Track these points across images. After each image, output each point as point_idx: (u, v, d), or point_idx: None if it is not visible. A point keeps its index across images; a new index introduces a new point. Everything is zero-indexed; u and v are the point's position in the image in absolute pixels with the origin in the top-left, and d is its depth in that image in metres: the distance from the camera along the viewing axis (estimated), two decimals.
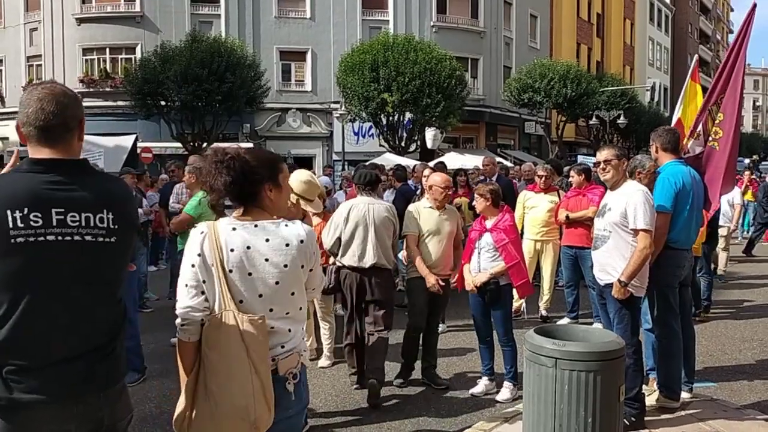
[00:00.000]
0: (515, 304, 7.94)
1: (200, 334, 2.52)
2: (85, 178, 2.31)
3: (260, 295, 2.54)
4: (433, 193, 5.69)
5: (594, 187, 8.03)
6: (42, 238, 2.15)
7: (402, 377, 5.84)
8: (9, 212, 2.10)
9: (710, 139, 5.16)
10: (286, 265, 2.57)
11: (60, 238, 2.18)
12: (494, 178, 10.36)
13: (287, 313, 2.61)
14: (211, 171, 2.61)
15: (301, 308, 2.68)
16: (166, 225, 9.13)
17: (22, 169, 2.23)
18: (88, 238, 2.24)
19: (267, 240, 2.57)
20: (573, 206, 7.91)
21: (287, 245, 2.58)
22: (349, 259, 5.52)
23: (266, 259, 2.55)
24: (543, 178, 8.45)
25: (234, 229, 2.56)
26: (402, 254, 6.42)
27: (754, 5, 5.29)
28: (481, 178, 10.92)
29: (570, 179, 8.32)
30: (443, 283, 5.63)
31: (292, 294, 2.61)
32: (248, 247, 2.53)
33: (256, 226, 2.59)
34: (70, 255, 2.21)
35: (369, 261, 5.45)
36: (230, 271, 2.50)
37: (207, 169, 2.63)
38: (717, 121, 5.13)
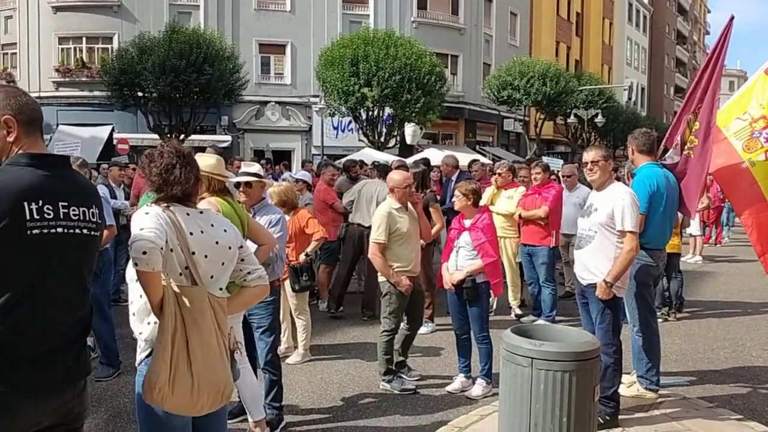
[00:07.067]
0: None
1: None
2: (71, 172, 2.41)
3: (212, 276, 2.71)
4: (395, 194, 5.52)
5: (550, 186, 8.06)
6: (54, 230, 2.21)
7: (391, 374, 5.63)
8: (26, 204, 2.14)
9: (686, 147, 5.26)
10: (230, 247, 2.78)
11: (65, 230, 2.25)
12: (454, 178, 9.50)
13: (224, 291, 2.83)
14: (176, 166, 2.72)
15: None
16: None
17: (22, 163, 2.23)
18: (84, 231, 2.33)
19: (212, 225, 2.76)
20: (529, 205, 7.96)
21: (225, 231, 2.80)
22: (359, 218, 8.01)
23: (216, 242, 2.73)
24: (499, 176, 8.32)
25: (188, 214, 2.70)
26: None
27: (732, 17, 5.31)
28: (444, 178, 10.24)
29: (533, 176, 8.22)
30: (410, 283, 5.50)
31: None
32: (202, 232, 2.69)
33: (201, 212, 2.79)
34: (71, 248, 2.29)
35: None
36: (192, 253, 2.63)
37: (167, 167, 2.71)
38: (694, 130, 5.20)
